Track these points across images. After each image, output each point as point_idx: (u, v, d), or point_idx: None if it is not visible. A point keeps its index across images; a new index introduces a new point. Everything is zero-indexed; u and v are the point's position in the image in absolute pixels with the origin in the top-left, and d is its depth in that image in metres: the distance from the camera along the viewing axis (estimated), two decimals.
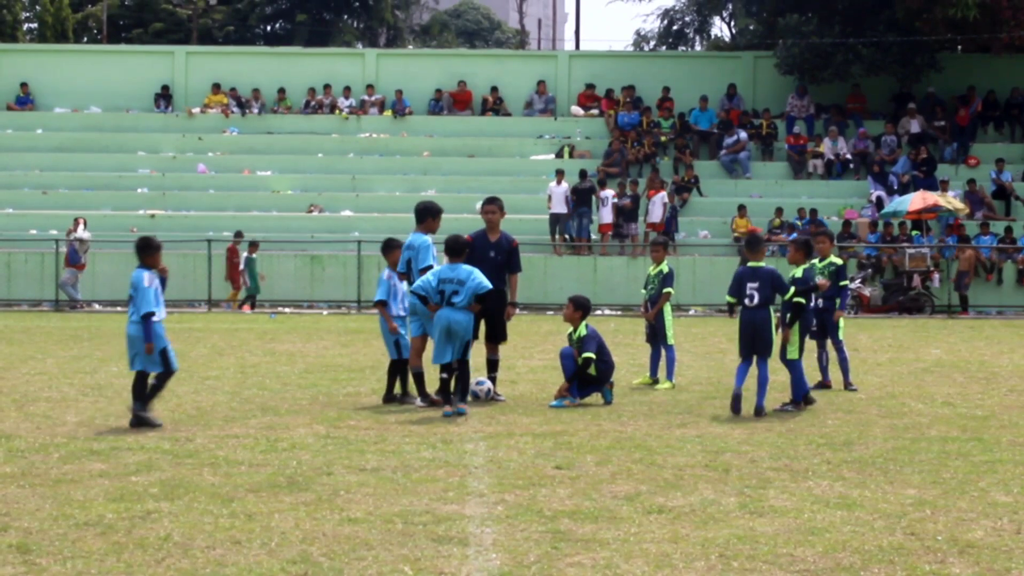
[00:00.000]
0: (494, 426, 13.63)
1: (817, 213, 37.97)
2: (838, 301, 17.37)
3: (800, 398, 15.14)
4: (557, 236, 37.39)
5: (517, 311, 16.66)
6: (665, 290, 17.49)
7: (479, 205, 17.22)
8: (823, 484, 10.54)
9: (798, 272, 15.64)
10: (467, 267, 14.70)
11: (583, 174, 38.02)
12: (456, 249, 14.79)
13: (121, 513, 9.26)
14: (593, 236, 37.80)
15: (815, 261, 16.87)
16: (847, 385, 17.13)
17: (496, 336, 16.12)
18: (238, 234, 36.14)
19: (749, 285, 14.78)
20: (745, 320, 14.85)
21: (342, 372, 18.83)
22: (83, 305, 35.08)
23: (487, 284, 14.63)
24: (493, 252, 15.95)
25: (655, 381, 17.45)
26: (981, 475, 10.99)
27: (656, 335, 17.58)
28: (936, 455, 11.99)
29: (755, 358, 14.81)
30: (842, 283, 17.44)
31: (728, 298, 15.29)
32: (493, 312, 15.71)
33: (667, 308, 17.60)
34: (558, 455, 11.82)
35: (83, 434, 12.88)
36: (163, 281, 13.70)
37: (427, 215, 15.69)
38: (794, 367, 15.17)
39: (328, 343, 23.89)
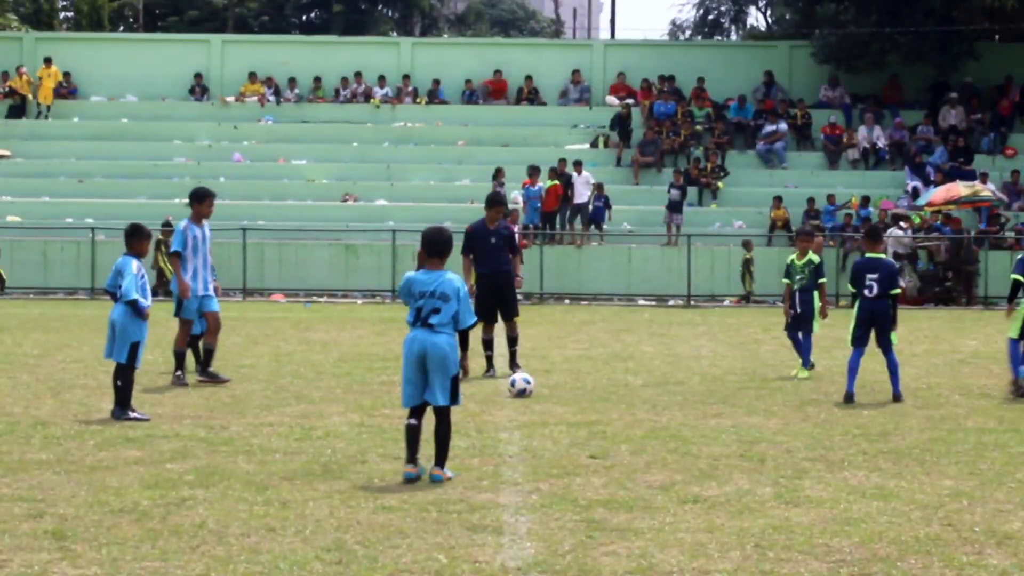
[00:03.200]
0: (528, 415, 13.63)
1: (869, 200, 37.68)
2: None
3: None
4: (580, 225, 37.21)
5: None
6: (822, 280, 17.83)
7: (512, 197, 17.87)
8: (859, 475, 10.50)
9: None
10: (451, 277, 10.40)
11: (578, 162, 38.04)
12: (438, 248, 10.48)
13: (156, 500, 9.29)
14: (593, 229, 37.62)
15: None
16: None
17: (510, 313, 17.11)
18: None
19: (868, 276, 15.34)
20: (864, 308, 15.40)
21: (376, 361, 18.84)
22: None
23: (473, 318, 10.73)
24: (494, 239, 17.13)
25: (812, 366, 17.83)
26: (1018, 466, 10.93)
27: (806, 323, 17.76)
28: (973, 446, 11.92)
29: (880, 349, 15.43)
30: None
31: (850, 287, 15.78)
32: (504, 291, 16.94)
33: (815, 297, 17.83)
34: (592, 444, 11.81)
35: (118, 421, 12.93)
36: None
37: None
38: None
39: (362, 332, 23.91)
